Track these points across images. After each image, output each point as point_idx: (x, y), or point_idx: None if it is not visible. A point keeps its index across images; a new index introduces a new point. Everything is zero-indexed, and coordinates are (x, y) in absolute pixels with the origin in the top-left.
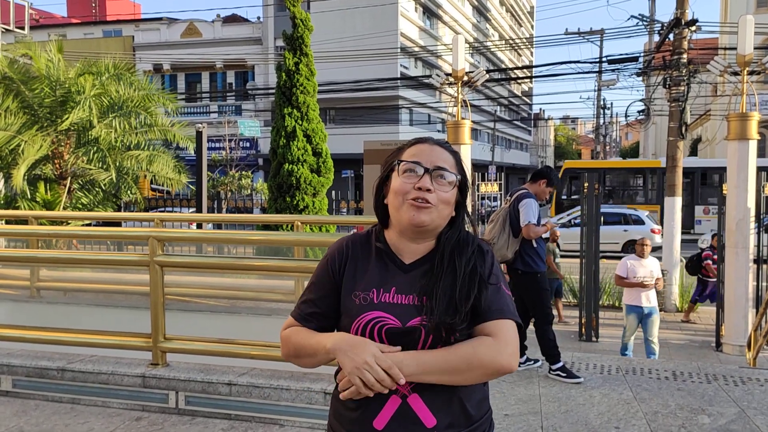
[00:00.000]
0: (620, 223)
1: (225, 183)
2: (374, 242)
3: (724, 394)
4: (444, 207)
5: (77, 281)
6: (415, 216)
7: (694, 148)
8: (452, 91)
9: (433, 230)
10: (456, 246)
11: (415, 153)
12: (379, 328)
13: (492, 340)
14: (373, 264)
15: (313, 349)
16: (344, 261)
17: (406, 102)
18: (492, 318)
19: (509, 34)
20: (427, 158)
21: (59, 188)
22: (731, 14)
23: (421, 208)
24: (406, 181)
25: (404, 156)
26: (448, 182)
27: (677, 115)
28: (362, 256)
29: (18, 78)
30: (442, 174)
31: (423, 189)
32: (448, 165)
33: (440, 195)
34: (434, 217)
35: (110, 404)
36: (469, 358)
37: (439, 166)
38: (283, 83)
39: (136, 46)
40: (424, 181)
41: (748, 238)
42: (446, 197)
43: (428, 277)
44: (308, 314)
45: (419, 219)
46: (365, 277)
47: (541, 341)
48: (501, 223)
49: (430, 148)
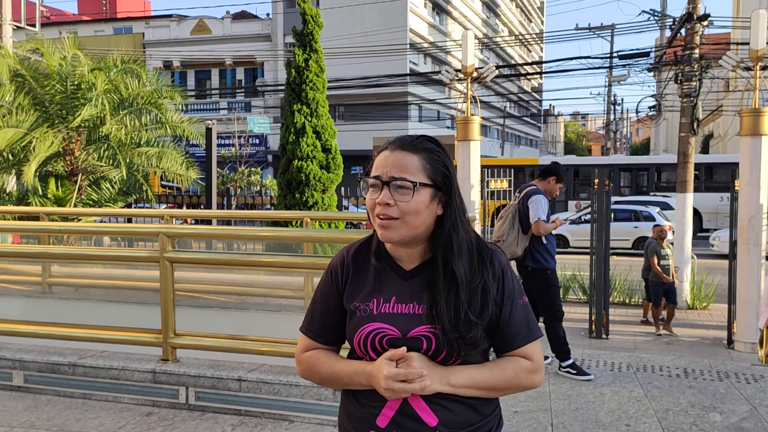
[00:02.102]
0: (630, 220)
1: (234, 179)
2: (373, 250)
3: (735, 391)
4: (412, 217)
5: (88, 277)
6: (383, 234)
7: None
8: (461, 87)
9: (415, 239)
10: (450, 249)
11: (378, 163)
12: (379, 339)
13: (531, 364)
14: (373, 273)
15: (349, 379)
16: (346, 271)
17: (416, 98)
18: (526, 341)
19: (519, 30)
20: (383, 169)
21: (70, 185)
22: (744, 9)
23: (385, 227)
24: (370, 198)
25: (372, 166)
26: (407, 190)
27: (689, 110)
28: (362, 265)
29: (29, 75)
30: (398, 183)
31: (381, 204)
32: (410, 171)
33: (401, 206)
34: (403, 232)
35: (121, 399)
36: (511, 381)
37: (393, 176)
38: (293, 80)
39: (146, 43)
40: (382, 196)
41: (760, 235)
42: (408, 207)
43: (430, 287)
44: (320, 330)
45: (387, 236)
46: (365, 287)
47: (551, 338)
48: (510, 219)
49: (386, 156)
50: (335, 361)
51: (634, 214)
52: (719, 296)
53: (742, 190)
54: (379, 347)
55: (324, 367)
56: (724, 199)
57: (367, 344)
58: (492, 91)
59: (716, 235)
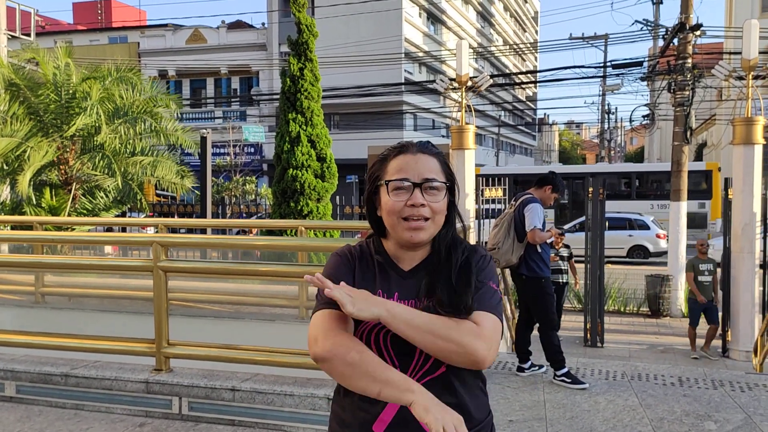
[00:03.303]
0: (625, 228)
1: (229, 188)
2: (374, 253)
3: (730, 400)
4: (439, 216)
5: (81, 286)
6: (413, 236)
7: (699, 152)
8: (456, 96)
9: (432, 235)
10: (451, 243)
11: (401, 166)
12: (384, 333)
13: (476, 328)
14: (376, 270)
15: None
16: (355, 262)
17: (410, 107)
18: (480, 309)
19: (513, 39)
20: (414, 171)
21: (64, 194)
22: (736, 19)
23: (417, 229)
24: (397, 200)
25: (389, 169)
26: (439, 191)
27: (682, 119)
28: (366, 262)
29: (24, 84)
30: (431, 185)
31: (416, 205)
32: (435, 173)
33: (433, 206)
34: (432, 230)
35: (114, 410)
36: (450, 331)
37: (427, 178)
38: (288, 89)
39: (142, 53)
40: (416, 197)
41: (754, 243)
42: (439, 207)
43: (428, 278)
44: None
45: (419, 238)
46: (369, 282)
47: (546, 347)
48: (506, 227)
49: (415, 158)
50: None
51: (628, 223)
52: None
53: (735, 199)
54: (381, 342)
55: (366, 354)
56: (654, 206)
57: (370, 337)
58: (487, 100)
59: (710, 243)
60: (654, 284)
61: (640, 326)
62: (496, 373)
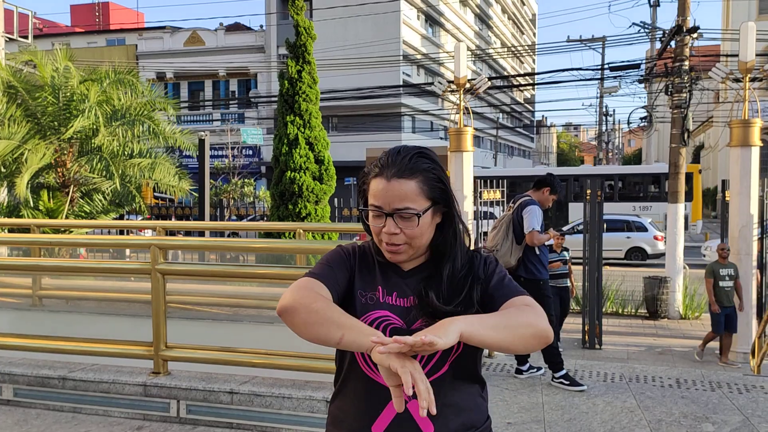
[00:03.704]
0: (623, 230)
1: (228, 191)
2: (374, 255)
3: (728, 401)
4: (417, 240)
5: (79, 289)
6: (392, 258)
7: (696, 154)
8: (454, 98)
9: (420, 252)
10: (448, 252)
11: (375, 193)
12: (384, 327)
13: (527, 306)
14: (376, 268)
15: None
16: (356, 257)
17: (409, 109)
18: (514, 295)
19: (511, 42)
20: (384, 200)
21: (62, 196)
22: (733, 21)
23: (395, 252)
24: (375, 224)
25: (370, 189)
26: (411, 217)
27: (679, 121)
28: (366, 260)
29: (22, 87)
30: (402, 214)
31: (389, 233)
32: (410, 199)
33: (407, 233)
34: (410, 253)
35: (111, 413)
36: (519, 317)
37: (397, 208)
38: (286, 91)
39: (140, 55)
40: (389, 227)
41: (751, 245)
42: (414, 233)
43: (425, 281)
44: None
45: (396, 260)
46: (369, 278)
47: (544, 349)
48: (504, 229)
49: (389, 185)
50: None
51: (626, 225)
52: None
53: (732, 201)
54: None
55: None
56: (636, 208)
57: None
58: (485, 102)
59: (707, 245)
60: (652, 286)
61: (638, 328)
62: (494, 375)
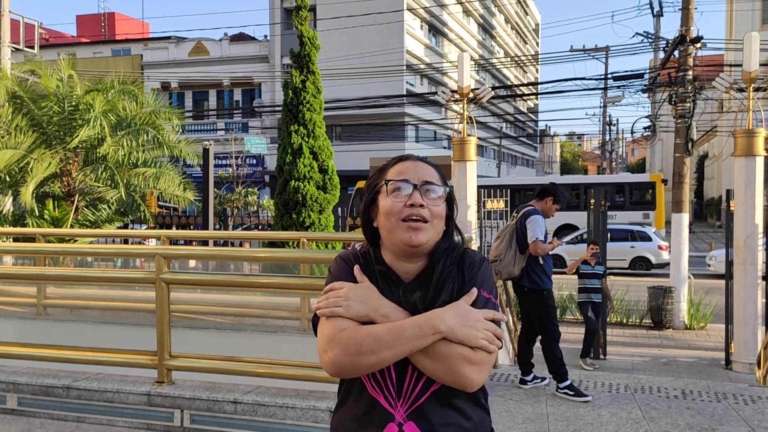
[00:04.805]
0: (627, 240)
1: (231, 200)
2: (374, 264)
3: (734, 413)
4: (438, 222)
5: (84, 298)
6: (412, 237)
7: (701, 164)
8: (458, 107)
9: (427, 249)
10: (446, 258)
11: (401, 171)
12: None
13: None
14: (378, 277)
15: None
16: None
17: (412, 119)
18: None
19: (514, 51)
20: (414, 174)
21: (67, 205)
22: (736, 31)
23: (417, 229)
24: (396, 201)
25: (389, 176)
26: (438, 196)
27: (683, 131)
28: (368, 270)
29: (27, 96)
30: (430, 188)
31: (416, 205)
32: (434, 179)
33: (432, 210)
34: (431, 234)
35: (115, 423)
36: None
37: (427, 180)
38: (290, 100)
39: (145, 65)
40: (415, 197)
41: (756, 255)
42: (438, 211)
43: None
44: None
45: (417, 240)
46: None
47: (548, 359)
48: (508, 239)
49: (414, 164)
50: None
51: (630, 234)
52: (717, 316)
53: (737, 211)
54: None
55: (381, 329)
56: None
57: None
58: (488, 112)
59: (712, 254)
60: (656, 296)
61: (642, 338)
62: (498, 386)
